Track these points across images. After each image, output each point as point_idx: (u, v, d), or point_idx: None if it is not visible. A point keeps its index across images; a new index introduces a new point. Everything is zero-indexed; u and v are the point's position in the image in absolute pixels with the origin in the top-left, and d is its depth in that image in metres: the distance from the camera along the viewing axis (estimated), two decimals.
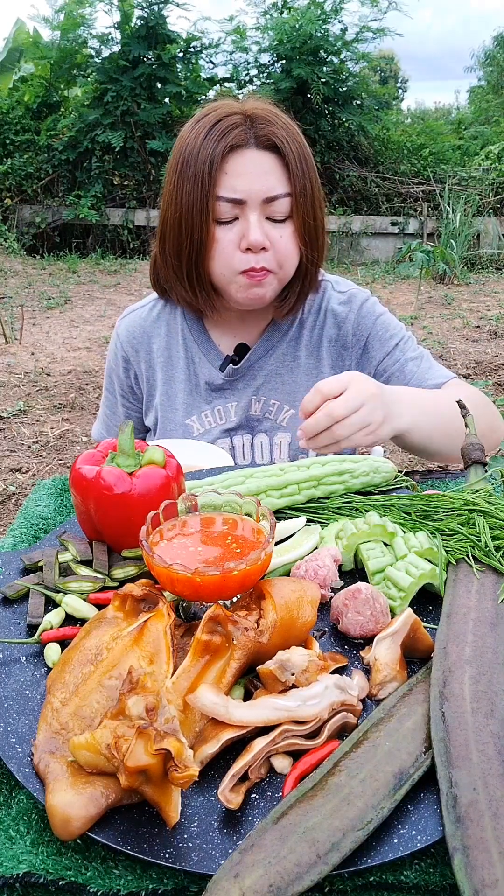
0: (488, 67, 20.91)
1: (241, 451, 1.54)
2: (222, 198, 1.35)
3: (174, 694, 0.74)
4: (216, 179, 1.35)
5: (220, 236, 1.38)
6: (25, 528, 1.22)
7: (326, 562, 0.97)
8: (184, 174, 1.37)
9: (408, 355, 1.53)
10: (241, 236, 1.37)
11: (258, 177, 1.35)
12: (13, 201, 10.22)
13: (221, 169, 1.35)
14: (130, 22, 9.91)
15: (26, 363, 5.69)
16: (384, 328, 1.54)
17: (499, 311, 7.38)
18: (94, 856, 0.66)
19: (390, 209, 10.49)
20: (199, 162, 1.35)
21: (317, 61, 9.91)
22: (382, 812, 0.65)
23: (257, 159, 1.36)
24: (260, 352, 1.53)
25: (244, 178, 1.35)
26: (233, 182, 1.35)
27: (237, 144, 1.34)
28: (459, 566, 0.98)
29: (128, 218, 10.26)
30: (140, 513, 0.93)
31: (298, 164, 1.37)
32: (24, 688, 0.81)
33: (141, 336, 1.59)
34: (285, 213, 1.38)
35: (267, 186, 1.36)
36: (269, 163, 1.36)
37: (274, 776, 0.71)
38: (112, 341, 1.64)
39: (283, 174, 1.37)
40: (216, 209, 1.36)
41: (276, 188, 1.36)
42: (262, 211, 1.37)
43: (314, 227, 1.42)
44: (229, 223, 1.37)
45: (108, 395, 1.67)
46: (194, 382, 1.55)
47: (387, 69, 22.38)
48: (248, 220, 1.36)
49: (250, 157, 1.35)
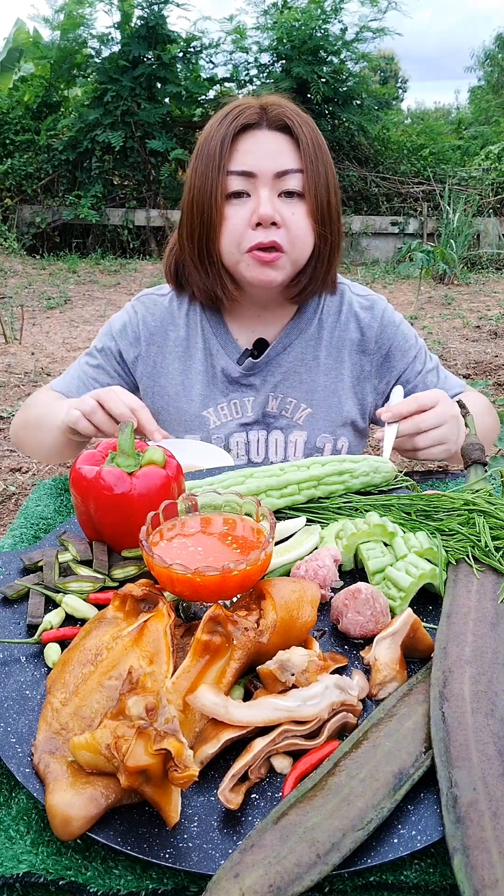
0: (488, 67, 20.92)
1: (255, 446, 1.54)
2: (233, 171, 1.38)
3: (174, 694, 0.74)
4: (228, 156, 1.38)
5: (230, 213, 1.40)
6: (25, 528, 1.22)
7: (326, 562, 0.97)
8: (199, 157, 1.42)
9: (427, 366, 1.59)
10: (253, 212, 1.38)
11: (269, 153, 1.39)
12: (13, 201, 10.22)
13: (234, 147, 1.39)
14: (130, 22, 9.91)
15: (26, 363, 5.69)
16: (404, 338, 1.58)
17: (499, 311, 7.38)
18: (94, 856, 0.66)
19: (390, 209, 10.49)
20: (212, 143, 1.39)
21: (317, 61, 9.91)
22: (382, 812, 0.65)
23: (269, 138, 1.40)
24: (279, 348, 1.54)
25: (255, 155, 1.38)
26: (244, 158, 1.38)
27: (249, 123, 1.39)
28: (459, 566, 0.98)
29: (128, 218, 10.26)
30: (140, 513, 0.93)
31: (310, 145, 1.40)
32: (24, 688, 0.81)
33: (161, 320, 1.57)
34: (298, 188, 1.40)
35: (278, 162, 1.38)
36: (280, 141, 1.40)
37: (274, 776, 0.71)
38: (127, 314, 1.60)
39: (295, 153, 1.40)
40: (227, 183, 1.38)
41: (287, 164, 1.39)
42: (274, 186, 1.39)
43: (328, 208, 1.43)
44: (240, 199, 1.39)
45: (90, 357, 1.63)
46: (212, 374, 1.55)
47: (387, 69, 22.37)
48: (260, 195, 1.38)
49: (262, 136, 1.39)
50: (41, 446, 1.54)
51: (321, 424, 1.53)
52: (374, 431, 1.88)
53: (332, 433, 1.54)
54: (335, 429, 1.54)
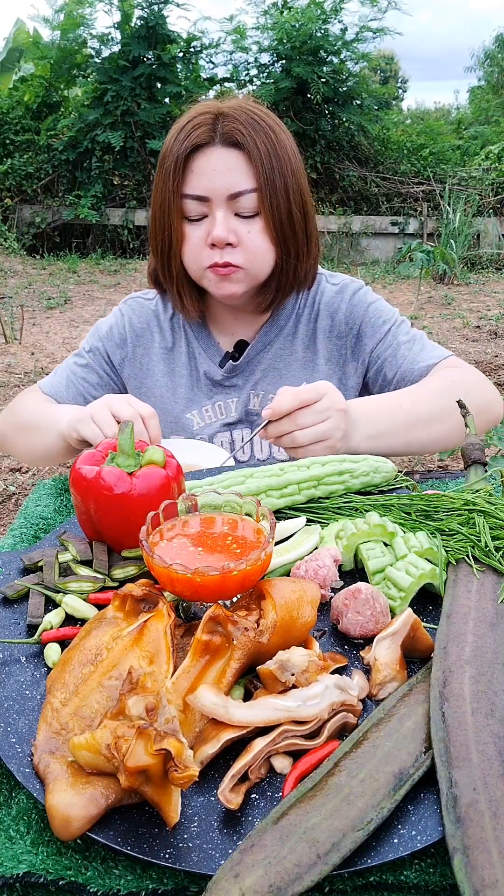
0: (488, 67, 20.92)
1: (239, 444, 1.55)
2: (188, 195, 1.38)
3: (174, 694, 0.74)
4: (183, 178, 1.38)
5: (189, 233, 1.41)
6: (25, 528, 1.22)
7: (326, 562, 0.97)
8: (159, 173, 1.42)
9: (400, 339, 1.53)
10: (208, 233, 1.39)
11: (221, 174, 1.37)
12: (13, 201, 10.22)
13: (188, 167, 1.38)
14: (130, 22, 9.91)
15: (26, 363, 5.69)
16: (376, 314, 1.54)
17: (499, 311, 7.38)
18: (94, 856, 0.66)
19: (390, 209, 10.49)
20: (167, 161, 1.39)
21: (317, 61, 9.91)
22: (382, 812, 0.65)
23: (221, 157, 1.37)
24: (258, 347, 1.55)
25: (208, 176, 1.37)
26: (197, 180, 1.38)
27: (201, 143, 1.37)
28: (459, 566, 0.98)
29: (128, 218, 10.26)
30: (140, 513, 0.93)
31: (265, 160, 1.37)
32: (24, 688, 0.81)
33: (147, 323, 1.59)
34: (253, 208, 1.39)
35: (230, 183, 1.37)
36: (233, 159, 1.37)
37: (274, 776, 0.71)
38: (114, 317, 1.62)
39: (249, 170, 1.38)
40: (184, 207, 1.39)
41: (239, 184, 1.37)
42: (229, 207, 1.39)
43: (288, 222, 1.41)
44: (199, 221, 1.40)
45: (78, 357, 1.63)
46: (195, 378, 1.56)
47: (387, 69, 22.37)
48: (214, 216, 1.38)
49: (214, 154, 1.37)
50: (32, 450, 1.52)
51: None
52: None
53: None
54: None
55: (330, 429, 1.21)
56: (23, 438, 1.53)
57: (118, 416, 1.27)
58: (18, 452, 1.58)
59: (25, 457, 1.57)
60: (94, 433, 1.28)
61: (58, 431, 1.39)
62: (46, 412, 1.48)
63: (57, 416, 1.42)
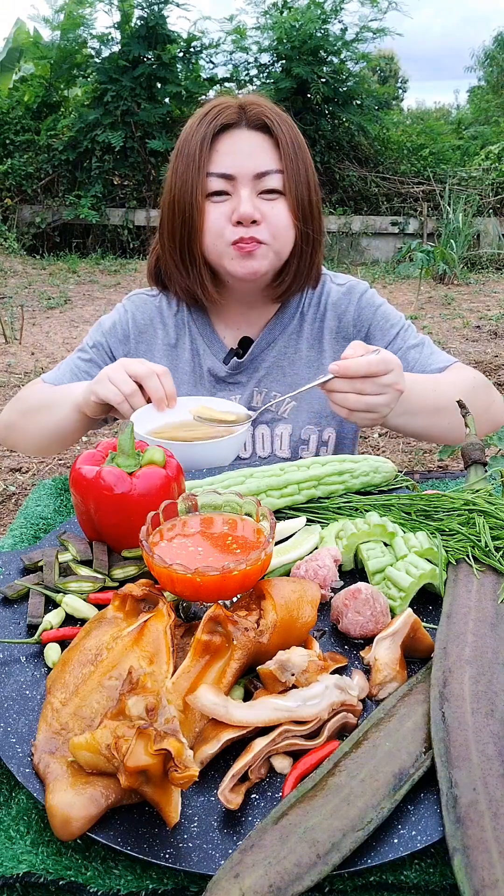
0: (488, 67, 20.91)
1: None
2: (213, 173, 1.40)
3: (174, 694, 0.74)
4: (208, 157, 1.39)
5: (210, 210, 1.41)
6: (25, 528, 1.22)
7: (326, 562, 0.97)
8: (179, 158, 1.43)
9: (409, 343, 1.56)
10: (233, 210, 1.40)
11: (248, 154, 1.40)
12: (13, 201, 10.22)
13: (213, 147, 1.40)
14: (130, 22, 9.91)
15: (26, 363, 5.69)
16: (384, 318, 1.57)
17: (499, 311, 7.38)
18: (94, 856, 0.66)
19: (390, 209, 10.49)
20: (192, 144, 1.40)
21: (317, 61, 9.91)
22: (382, 812, 0.65)
23: (248, 138, 1.40)
24: (262, 345, 1.55)
25: (235, 156, 1.39)
26: (224, 159, 1.39)
27: (228, 123, 1.40)
28: (459, 566, 0.98)
29: (128, 218, 10.26)
30: (140, 513, 0.93)
31: (289, 144, 1.41)
32: (24, 688, 0.81)
33: (150, 319, 1.59)
34: (277, 186, 1.41)
35: (257, 163, 1.40)
36: (259, 141, 1.41)
37: (274, 776, 0.71)
38: (117, 313, 1.62)
39: (274, 152, 1.41)
40: (207, 185, 1.40)
41: (266, 164, 1.40)
42: (254, 186, 1.40)
43: (308, 206, 1.45)
44: (221, 200, 1.41)
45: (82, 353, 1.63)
46: (199, 374, 1.57)
47: (387, 69, 22.36)
48: (240, 194, 1.39)
49: (241, 135, 1.40)
50: (42, 431, 1.50)
51: (305, 416, 1.55)
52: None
53: (317, 424, 1.55)
54: (320, 420, 1.55)
55: (383, 404, 1.23)
56: (33, 421, 1.52)
57: (134, 374, 1.29)
58: (27, 437, 1.56)
59: (34, 441, 1.55)
60: (111, 391, 1.29)
61: (73, 403, 1.40)
62: (58, 390, 1.50)
63: (71, 388, 1.45)
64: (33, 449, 1.59)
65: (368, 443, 4.35)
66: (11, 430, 1.59)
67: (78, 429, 1.46)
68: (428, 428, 1.42)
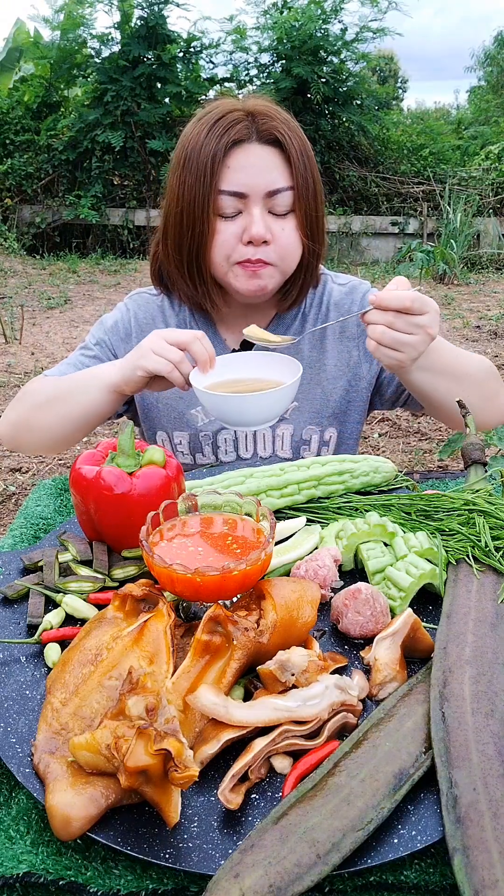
0: (488, 67, 20.90)
1: (243, 442, 1.55)
2: (225, 191, 1.37)
3: (174, 694, 0.74)
4: (219, 174, 1.37)
5: (221, 229, 1.39)
6: (25, 528, 1.22)
7: (326, 562, 0.97)
8: (186, 169, 1.39)
9: None
10: (244, 229, 1.38)
11: (261, 171, 1.37)
12: (13, 201, 10.21)
13: (224, 163, 1.37)
14: (130, 22, 9.91)
15: (26, 363, 5.69)
16: None
17: (499, 311, 7.38)
18: (94, 856, 0.66)
19: (390, 209, 10.48)
20: (201, 157, 1.37)
21: (317, 61, 9.91)
22: (382, 812, 0.65)
23: (260, 153, 1.37)
24: (264, 346, 1.54)
25: (246, 172, 1.37)
26: (235, 176, 1.37)
27: (240, 139, 1.36)
28: (459, 566, 0.98)
29: (128, 218, 10.26)
30: (140, 513, 0.93)
31: (300, 159, 1.39)
32: (24, 688, 0.81)
33: (152, 318, 1.58)
34: (288, 206, 1.40)
35: (269, 180, 1.37)
36: (271, 157, 1.38)
37: (274, 776, 0.71)
38: (119, 311, 1.61)
39: (286, 168, 1.39)
40: (218, 203, 1.38)
41: (278, 182, 1.38)
42: (265, 205, 1.39)
43: (315, 220, 1.44)
44: (232, 217, 1.39)
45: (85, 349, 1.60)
46: None
47: (386, 69, 22.36)
48: (252, 213, 1.38)
49: (253, 151, 1.37)
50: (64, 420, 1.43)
51: (307, 416, 1.54)
52: (371, 424, 1.86)
53: (319, 424, 1.55)
54: (321, 420, 1.55)
55: (410, 344, 1.21)
56: (51, 412, 1.45)
57: (177, 342, 1.26)
58: (41, 431, 1.48)
59: (51, 433, 1.47)
60: (159, 362, 1.26)
61: (104, 384, 1.35)
62: (79, 377, 1.44)
63: (97, 373, 1.39)
64: (50, 443, 1.50)
65: (368, 443, 4.35)
66: (22, 427, 1.51)
67: (108, 411, 1.41)
68: (448, 393, 1.38)
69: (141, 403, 1.58)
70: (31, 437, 1.50)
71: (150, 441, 1.60)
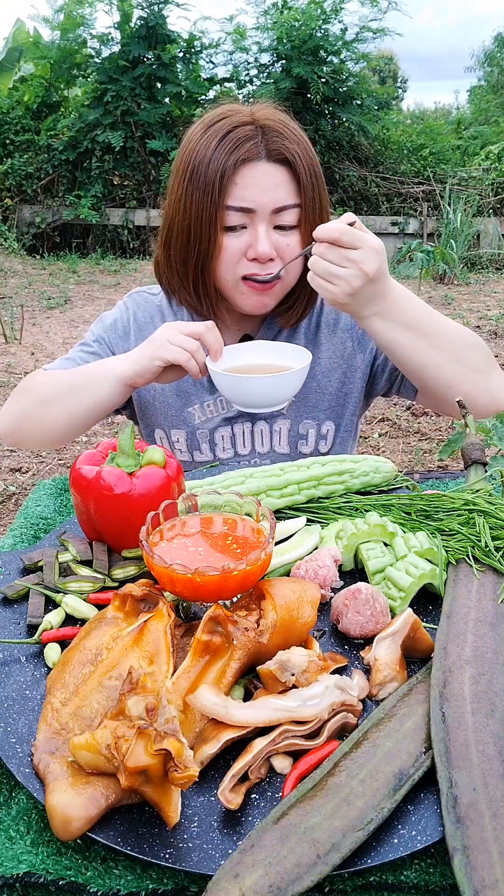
0: (488, 67, 20.90)
1: (241, 438, 1.55)
2: (232, 207, 1.37)
3: (174, 694, 0.74)
4: (226, 190, 1.37)
5: (227, 244, 1.40)
6: (25, 528, 1.22)
7: (326, 562, 0.97)
8: (193, 182, 1.39)
9: None
10: (249, 245, 1.39)
11: (268, 188, 1.37)
12: (13, 201, 10.21)
13: (232, 180, 1.37)
14: (130, 22, 9.90)
15: (26, 363, 5.69)
16: None
17: (499, 311, 7.38)
18: (94, 856, 0.66)
19: (390, 209, 10.48)
20: (209, 172, 1.37)
21: (317, 61, 9.90)
22: (382, 812, 0.65)
23: (268, 172, 1.38)
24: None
25: (254, 190, 1.37)
26: (243, 193, 1.37)
27: (248, 158, 1.36)
28: (459, 566, 0.98)
29: (128, 218, 10.26)
30: (140, 513, 0.93)
31: (309, 177, 1.40)
32: (24, 688, 0.81)
33: (151, 317, 1.59)
34: (293, 222, 1.41)
35: (277, 198, 1.38)
36: (280, 175, 1.38)
37: (274, 776, 0.71)
38: (118, 310, 1.62)
39: (294, 186, 1.40)
40: (224, 217, 1.38)
41: (285, 199, 1.38)
42: (271, 221, 1.39)
43: None
44: (237, 231, 1.40)
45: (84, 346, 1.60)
46: None
47: (386, 69, 22.35)
48: (257, 230, 1.38)
49: (262, 169, 1.37)
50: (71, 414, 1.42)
51: (303, 411, 1.54)
52: (371, 424, 1.86)
53: (315, 419, 1.55)
54: (317, 414, 1.55)
55: (342, 277, 1.21)
56: (58, 406, 1.43)
57: (192, 332, 1.30)
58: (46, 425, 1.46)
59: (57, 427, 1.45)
60: (177, 352, 1.28)
61: (115, 378, 1.35)
62: (85, 370, 1.43)
63: (104, 365, 1.39)
64: (54, 436, 1.48)
65: (368, 443, 4.35)
66: (25, 421, 1.48)
67: (116, 403, 1.41)
68: (413, 351, 1.33)
69: (138, 402, 1.59)
70: (37, 430, 1.48)
71: (148, 440, 1.61)
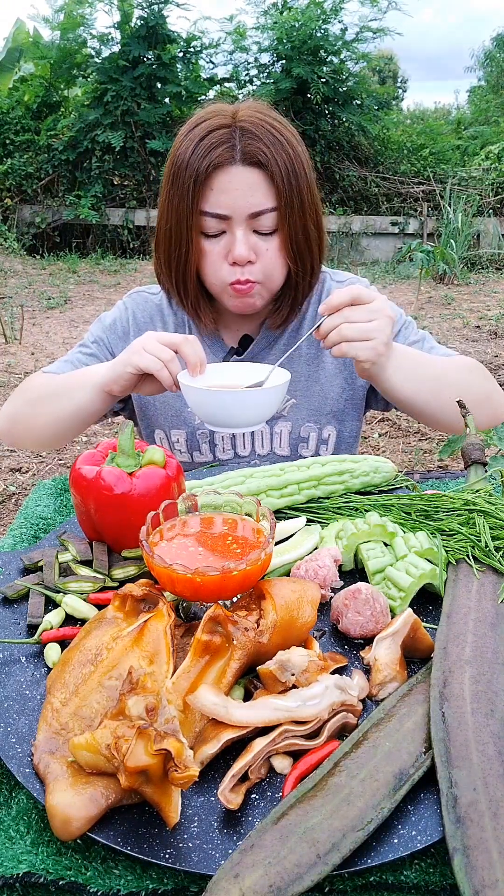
0: (488, 67, 20.89)
1: (241, 439, 1.55)
2: (207, 213, 1.37)
3: (174, 694, 0.74)
4: (202, 195, 1.37)
5: (208, 249, 1.41)
6: (25, 528, 1.22)
7: (326, 562, 0.97)
8: (174, 187, 1.40)
9: (410, 339, 1.55)
10: (228, 250, 1.39)
11: (243, 193, 1.36)
12: (13, 201, 10.22)
13: (206, 185, 1.36)
14: (130, 22, 9.91)
15: (26, 363, 5.69)
16: None
17: (499, 311, 7.38)
18: (94, 856, 0.66)
19: (390, 209, 10.49)
20: (186, 177, 1.37)
21: (317, 61, 9.91)
22: (382, 812, 0.65)
23: (242, 175, 1.36)
24: (262, 343, 1.55)
25: (229, 195, 1.36)
26: (217, 198, 1.37)
27: (222, 162, 1.35)
28: (459, 566, 0.98)
29: (128, 218, 10.26)
30: (140, 513, 0.93)
31: (285, 179, 1.38)
32: (24, 688, 0.81)
33: (150, 317, 1.59)
34: (272, 226, 1.40)
35: (252, 203, 1.37)
36: (254, 179, 1.37)
37: (274, 776, 0.71)
38: (118, 310, 1.62)
39: (269, 189, 1.38)
40: (202, 224, 1.39)
41: (261, 203, 1.37)
42: (249, 225, 1.39)
43: (304, 237, 1.43)
44: (216, 237, 1.40)
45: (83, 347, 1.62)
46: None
47: (386, 69, 22.35)
48: (234, 234, 1.38)
49: (235, 173, 1.36)
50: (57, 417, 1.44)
51: (304, 414, 1.54)
52: (371, 424, 1.86)
53: (317, 422, 1.55)
54: (319, 418, 1.55)
55: (376, 329, 1.24)
56: (46, 409, 1.46)
57: (169, 342, 1.27)
58: (36, 427, 1.49)
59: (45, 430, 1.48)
60: (150, 360, 1.27)
61: (95, 384, 1.36)
62: (72, 376, 1.45)
63: (89, 372, 1.41)
64: (43, 439, 1.52)
65: (368, 443, 4.35)
66: (17, 422, 1.52)
67: (98, 410, 1.42)
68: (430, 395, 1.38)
69: (138, 402, 1.59)
70: (26, 433, 1.51)
71: (148, 440, 1.61)
